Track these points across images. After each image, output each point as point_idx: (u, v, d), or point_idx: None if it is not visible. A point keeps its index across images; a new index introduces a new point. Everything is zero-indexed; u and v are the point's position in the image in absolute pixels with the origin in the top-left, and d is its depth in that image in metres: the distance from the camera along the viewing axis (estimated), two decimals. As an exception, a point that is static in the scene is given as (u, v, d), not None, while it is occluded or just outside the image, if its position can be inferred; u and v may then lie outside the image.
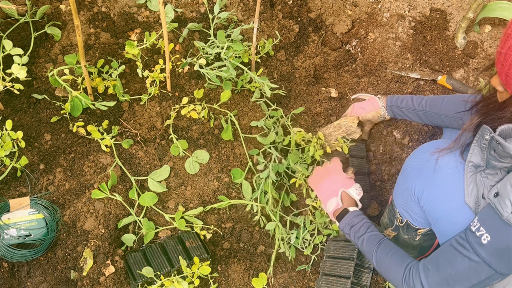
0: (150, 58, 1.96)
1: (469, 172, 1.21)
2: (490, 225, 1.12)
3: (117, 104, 1.86)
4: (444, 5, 2.20)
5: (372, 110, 1.85)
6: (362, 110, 1.86)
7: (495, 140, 1.11)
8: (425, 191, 1.31)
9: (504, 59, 1.03)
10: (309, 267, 1.72)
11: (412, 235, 1.49)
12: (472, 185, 1.20)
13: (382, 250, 1.40)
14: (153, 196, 1.71)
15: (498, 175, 1.15)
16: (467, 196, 1.21)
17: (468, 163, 1.21)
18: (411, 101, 1.76)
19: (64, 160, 1.75)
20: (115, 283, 1.57)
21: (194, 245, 1.64)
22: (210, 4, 2.10)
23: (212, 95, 1.93)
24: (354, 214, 1.51)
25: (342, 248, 1.68)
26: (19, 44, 1.87)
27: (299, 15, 2.18)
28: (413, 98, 1.75)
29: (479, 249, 1.14)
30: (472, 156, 1.20)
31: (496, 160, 1.14)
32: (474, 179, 1.20)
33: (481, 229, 1.14)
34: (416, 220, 1.42)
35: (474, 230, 1.15)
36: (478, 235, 1.14)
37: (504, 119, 1.15)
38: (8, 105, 1.81)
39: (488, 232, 1.12)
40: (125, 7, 2.05)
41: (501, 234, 1.10)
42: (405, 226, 1.47)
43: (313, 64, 2.08)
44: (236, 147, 1.85)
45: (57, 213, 1.65)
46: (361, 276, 1.65)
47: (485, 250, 1.13)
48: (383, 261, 1.39)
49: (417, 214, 1.40)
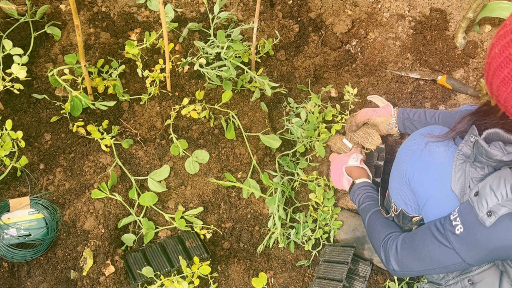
0: (150, 58, 1.96)
1: (458, 160, 1.25)
2: (466, 219, 1.17)
3: (117, 104, 1.86)
4: (444, 5, 2.20)
5: (384, 115, 1.85)
6: (374, 113, 1.86)
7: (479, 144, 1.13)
8: (416, 173, 1.35)
9: (488, 68, 1.05)
10: (309, 262, 1.72)
11: (408, 225, 1.51)
12: (460, 173, 1.24)
13: (374, 215, 1.55)
14: (153, 196, 1.71)
15: (485, 170, 1.18)
16: (453, 183, 1.24)
17: (458, 152, 1.25)
18: (424, 114, 1.75)
19: (64, 160, 1.75)
20: (115, 283, 1.57)
21: (194, 245, 1.64)
22: (210, 4, 2.09)
23: (212, 95, 1.93)
24: (358, 186, 1.67)
25: (338, 252, 1.68)
26: (19, 44, 1.87)
27: (299, 15, 2.18)
28: (426, 112, 1.75)
29: (451, 238, 1.21)
30: (464, 147, 1.23)
31: (482, 157, 1.16)
32: (463, 167, 1.23)
33: (457, 219, 1.19)
34: (409, 207, 1.45)
35: (452, 219, 1.21)
36: (454, 225, 1.20)
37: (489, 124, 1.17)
38: (8, 105, 1.81)
39: (463, 224, 1.18)
40: (125, 7, 2.05)
41: (474, 230, 1.15)
42: (401, 216, 1.49)
43: (313, 64, 2.08)
44: (236, 147, 1.85)
45: (57, 213, 1.65)
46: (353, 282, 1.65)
47: (456, 239, 1.19)
48: (371, 224, 1.52)
49: (409, 199, 1.43)
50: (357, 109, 2.00)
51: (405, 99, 2.03)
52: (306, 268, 1.73)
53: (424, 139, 1.33)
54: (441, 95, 2.03)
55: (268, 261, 1.72)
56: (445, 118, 1.68)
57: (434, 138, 1.31)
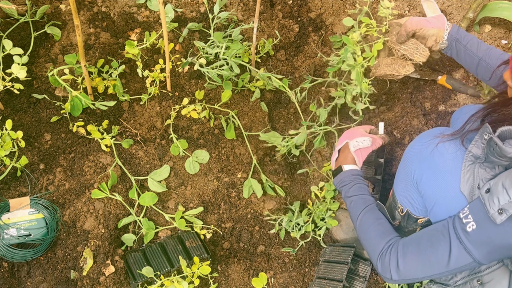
0: (150, 58, 1.96)
1: (468, 161, 1.23)
2: (478, 215, 1.15)
3: (117, 104, 1.86)
4: (444, 5, 2.20)
5: (437, 27, 1.61)
6: (427, 23, 1.61)
7: (493, 141, 1.12)
8: (424, 176, 1.32)
9: None
10: (294, 251, 1.72)
11: (413, 226, 1.49)
12: (469, 174, 1.22)
13: (367, 216, 1.40)
14: (153, 196, 1.71)
15: (495, 170, 1.17)
16: (462, 184, 1.23)
17: (468, 153, 1.23)
18: (476, 44, 1.57)
19: (64, 160, 1.75)
20: (115, 283, 1.57)
21: (194, 245, 1.64)
22: (210, 4, 2.09)
23: (212, 94, 1.93)
24: (347, 174, 1.50)
25: (338, 252, 1.68)
26: (19, 44, 1.87)
27: (299, 15, 2.18)
28: (480, 42, 1.58)
29: (462, 236, 1.17)
30: (473, 148, 1.21)
31: (494, 157, 1.15)
32: (472, 169, 1.21)
33: (469, 217, 1.17)
34: (416, 208, 1.43)
35: (462, 217, 1.18)
36: (465, 222, 1.17)
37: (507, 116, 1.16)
38: (8, 105, 1.81)
39: (475, 221, 1.15)
40: (125, 7, 2.05)
41: (486, 227, 1.13)
42: (406, 217, 1.48)
43: (313, 64, 2.08)
44: (236, 147, 1.85)
45: (57, 213, 1.65)
46: (353, 282, 1.65)
47: (468, 237, 1.16)
48: (365, 228, 1.39)
49: (416, 201, 1.41)
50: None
51: (405, 99, 2.02)
52: (306, 268, 1.73)
53: (435, 140, 1.31)
54: (441, 95, 2.03)
55: (268, 261, 1.72)
56: (492, 55, 1.54)
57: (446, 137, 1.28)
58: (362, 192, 1.46)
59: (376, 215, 1.42)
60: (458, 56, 1.61)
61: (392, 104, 2.01)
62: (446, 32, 1.59)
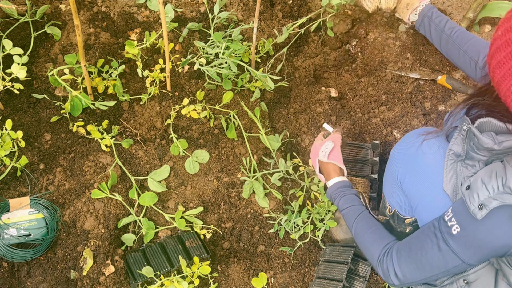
0: (150, 58, 1.96)
1: (449, 160, 1.23)
2: (460, 217, 1.15)
3: (117, 104, 1.86)
4: (444, 5, 2.20)
5: None
6: None
7: (472, 132, 1.12)
8: (407, 176, 1.33)
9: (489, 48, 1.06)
10: (292, 250, 1.72)
11: (402, 226, 1.50)
12: (451, 173, 1.22)
13: (360, 226, 1.42)
14: (153, 196, 1.71)
15: (476, 167, 1.17)
16: (445, 183, 1.23)
17: (449, 151, 1.23)
18: (444, 22, 1.61)
19: (64, 160, 1.75)
20: (115, 283, 1.57)
21: (194, 244, 1.64)
22: (210, 4, 2.09)
23: (212, 94, 1.93)
24: (332, 189, 1.53)
25: (338, 252, 1.68)
26: (19, 43, 1.87)
27: (299, 15, 2.18)
28: (448, 21, 1.63)
29: (448, 239, 1.18)
30: (454, 145, 1.22)
31: (473, 151, 1.16)
32: (455, 167, 1.22)
33: (452, 219, 1.17)
34: (402, 208, 1.43)
35: (446, 220, 1.19)
36: (450, 225, 1.17)
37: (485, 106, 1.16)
38: (8, 105, 1.81)
39: (459, 223, 1.15)
40: (125, 7, 2.05)
41: (470, 227, 1.13)
42: (395, 217, 1.49)
43: (313, 64, 2.08)
44: (236, 147, 1.85)
45: (57, 213, 1.65)
46: (353, 282, 1.65)
47: (454, 240, 1.17)
48: (360, 238, 1.42)
49: (402, 200, 1.42)
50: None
51: (405, 99, 2.02)
52: (306, 268, 1.73)
53: (419, 139, 1.32)
54: (441, 95, 2.03)
55: (268, 261, 1.72)
56: (460, 36, 1.58)
57: (430, 135, 1.30)
58: (350, 204, 1.48)
59: (368, 223, 1.42)
60: (427, 30, 1.64)
61: (392, 104, 2.01)
62: (420, 6, 1.63)
